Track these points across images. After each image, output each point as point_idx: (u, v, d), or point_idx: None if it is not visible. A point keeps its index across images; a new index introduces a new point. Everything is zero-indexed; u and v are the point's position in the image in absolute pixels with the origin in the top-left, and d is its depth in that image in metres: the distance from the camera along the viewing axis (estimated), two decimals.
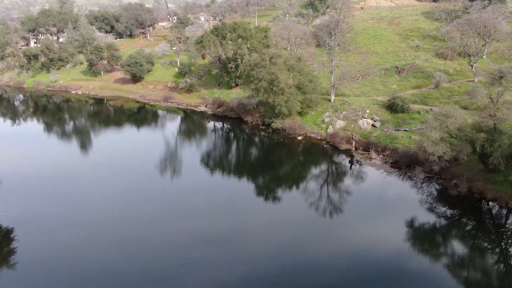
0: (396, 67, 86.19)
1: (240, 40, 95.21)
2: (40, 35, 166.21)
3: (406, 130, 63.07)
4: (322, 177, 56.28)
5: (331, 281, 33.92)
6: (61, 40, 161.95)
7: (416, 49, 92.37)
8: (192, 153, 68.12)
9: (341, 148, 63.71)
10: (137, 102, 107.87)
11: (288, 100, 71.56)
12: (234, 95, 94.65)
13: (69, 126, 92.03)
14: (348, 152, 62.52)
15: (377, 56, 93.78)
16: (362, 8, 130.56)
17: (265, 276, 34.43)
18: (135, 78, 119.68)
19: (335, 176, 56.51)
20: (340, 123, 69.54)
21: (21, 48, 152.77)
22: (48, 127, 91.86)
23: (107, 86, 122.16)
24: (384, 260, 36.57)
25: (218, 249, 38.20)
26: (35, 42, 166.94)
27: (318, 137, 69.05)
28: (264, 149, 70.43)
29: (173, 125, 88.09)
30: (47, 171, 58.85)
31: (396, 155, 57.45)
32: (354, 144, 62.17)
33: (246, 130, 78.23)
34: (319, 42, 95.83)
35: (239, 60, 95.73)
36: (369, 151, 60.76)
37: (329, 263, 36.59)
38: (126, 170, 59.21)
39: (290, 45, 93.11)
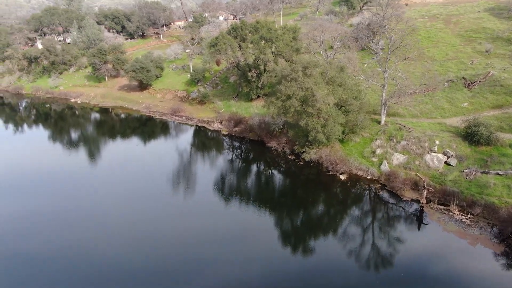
0: (464, 78, 66.86)
1: (263, 42, 77.76)
2: (46, 35, 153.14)
3: (499, 174, 44.12)
4: (375, 244, 38.06)
5: None
6: (68, 41, 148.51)
7: (487, 55, 72.68)
8: (199, 189, 51.18)
9: (403, 198, 45.28)
10: (143, 114, 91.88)
11: (327, 124, 53.67)
12: (255, 110, 77.34)
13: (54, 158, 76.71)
14: (414, 204, 44.13)
15: (434, 63, 74.58)
16: (406, 4, 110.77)
17: None
18: (142, 85, 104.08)
19: (396, 245, 37.97)
20: (398, 158, 51.06)
21: (25, 49, 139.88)
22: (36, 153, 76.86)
23: (110, 94, 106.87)
24: None
25: None
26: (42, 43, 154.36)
27: (368, 177, 50.74)
28: (291, 192, 52.45)
29: (176, 149, 71.10)
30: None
31: (494, 217, 38.74)
32: (425, 193, 43.63)
33: (269, 160, 60.61)
34: (363, 45, 77.64)
35: (262, 67, 78.42)
36: (448, 206, 42.15)
37: None
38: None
39: (325, 49, 74.96)
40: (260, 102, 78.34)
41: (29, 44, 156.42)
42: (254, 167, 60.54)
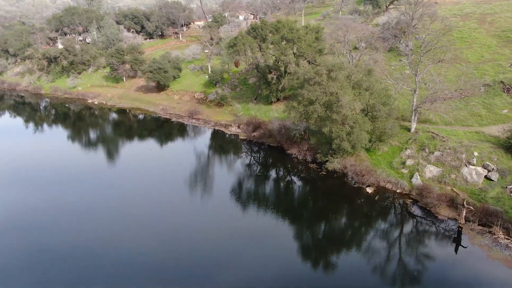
0: (502, 82, 61.55)
1: (284, 43, 74.04)
2: (66, 35, 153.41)
3: None
4: (406, 268, 33.86)
5: None
6: (87, 40, 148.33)
7: None
8: (215, 195, 48.00)
9: (438, 216, 40.88)
10: (159, 115, 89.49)
11: (352, 132, 49.63)
12: (275, 114, 73.89)
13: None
14: (451, 223, 39.70)
15: (468, 65, 69.29)
16: (436, 2, 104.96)
17: None
18: (160, 86, 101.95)
19: (430, 271, 33.64)
20: (431, 170, 46.57)
21: (45, 49, 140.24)
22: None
23: (127, 95, 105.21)
24: None
25: None
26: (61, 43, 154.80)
27: (398, 190, 46.47)
28: (311, 204, 48.63)
29: (191, 154, 68.08)
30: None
31: None
32: (464, 212, 39.11)
33: (289, 168, 56.92)
34: (391, 46, 73.25)
35: (283, 69, 74.90)
36: (490, 227, 37.62)
37: None
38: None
39: (350, 50, 70.55)
40: (280, 105, 74.80)
41: (50, 44, 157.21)
42: (272, 176, 56.85)
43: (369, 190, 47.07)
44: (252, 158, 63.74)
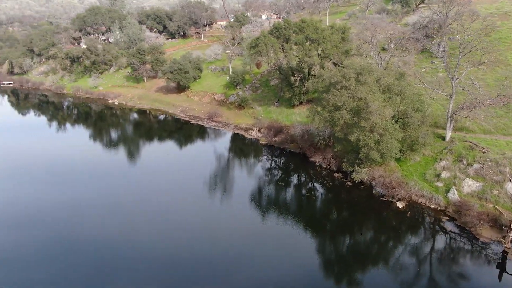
0: None
1: (308, 44, 70.57)
2: (90, 35, 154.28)
3: None
4: None
5: None
6: (110, 40, 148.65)
7: None
8: (232, 203, 45.23)
9: (479, 237, 36.71)
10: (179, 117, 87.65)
11: (382, 140, 45.86)
12: (298, 117, 70.64)
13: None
14: (494, 246, 35.55)
15: (509, 69, 64.09)
16: (470, 0, 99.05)
17: None
18: (180, 87, 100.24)
19: None
20: (470, 185, 42.32)
21: (68, 49, 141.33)
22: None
23: (147, 95, 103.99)
24: None
25: None
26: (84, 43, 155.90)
27: (432, 206, 42.41)
28: (335, 218, 45.23)
29: (209, 158, 65.57)
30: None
31: None
32: (510, 236, 34.89)
33: (312, 177, 53.54)
34: (422, 47, 68.72)
35: (306, 71, 71.48)
36: None
37: None
38: None
39: (378, 52, 66.39)
40: (303, 109, 71.52)
41: (74, 44, 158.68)
42: (294, 184, 53.61)
43: (400, 204, 43.19)
44: (273, 164, 60.75)
